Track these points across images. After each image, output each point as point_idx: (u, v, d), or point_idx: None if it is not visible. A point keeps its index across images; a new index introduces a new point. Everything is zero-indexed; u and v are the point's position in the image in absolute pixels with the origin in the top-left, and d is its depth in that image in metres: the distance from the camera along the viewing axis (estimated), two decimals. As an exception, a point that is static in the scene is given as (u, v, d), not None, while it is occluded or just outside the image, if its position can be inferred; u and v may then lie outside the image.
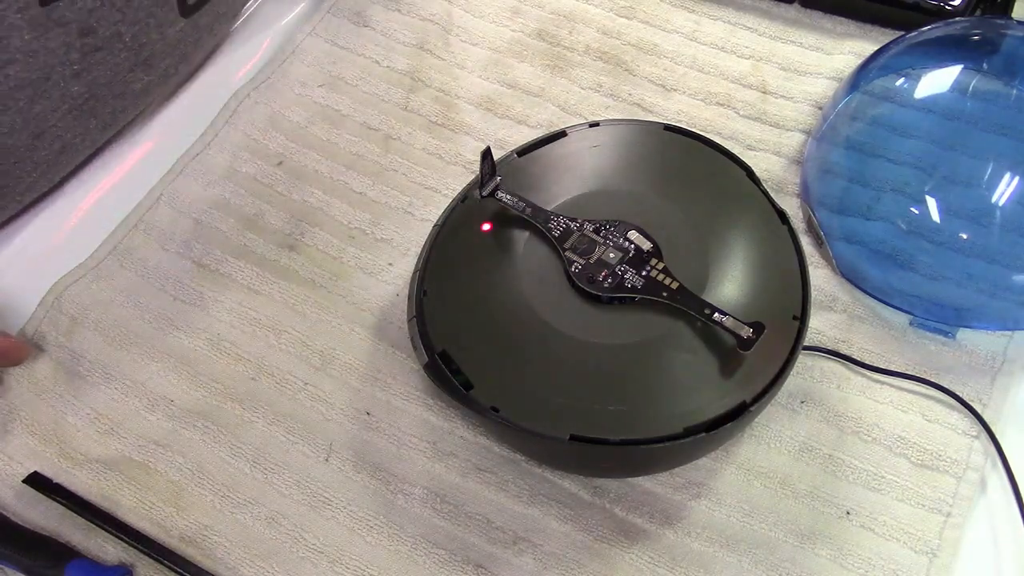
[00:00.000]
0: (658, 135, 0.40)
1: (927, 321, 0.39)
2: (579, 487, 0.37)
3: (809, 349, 0.39)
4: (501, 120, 0.47)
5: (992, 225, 0.38)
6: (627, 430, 0.32)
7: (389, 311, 0.42)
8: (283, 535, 0.36)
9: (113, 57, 0.41)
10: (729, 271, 0.36)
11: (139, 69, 0.43)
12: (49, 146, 0.42)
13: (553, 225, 0.37)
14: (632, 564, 0.35)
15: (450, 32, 0.51)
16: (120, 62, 0.42)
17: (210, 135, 0.47)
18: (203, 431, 0.39)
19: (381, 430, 0.39)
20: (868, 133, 0.41)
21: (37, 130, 0.41)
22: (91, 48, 0.40)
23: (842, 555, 0.35)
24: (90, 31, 0.39)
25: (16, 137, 0.40)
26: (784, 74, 0.47)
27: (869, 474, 0.36)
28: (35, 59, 0.38)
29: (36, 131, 0.41)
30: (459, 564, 0.35)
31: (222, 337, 0.41)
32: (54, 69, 0.39)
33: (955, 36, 0.43)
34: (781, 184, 0.44)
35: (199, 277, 0.43)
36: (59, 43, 0.39)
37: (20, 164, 0.42)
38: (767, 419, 0.38)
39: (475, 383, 0.34)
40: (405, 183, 0.45)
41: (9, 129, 0.40)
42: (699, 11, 0.50)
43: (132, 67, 0.43)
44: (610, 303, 0.35)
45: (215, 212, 0.45)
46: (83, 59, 0.40)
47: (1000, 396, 0.38)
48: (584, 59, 0.49)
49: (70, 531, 0.37)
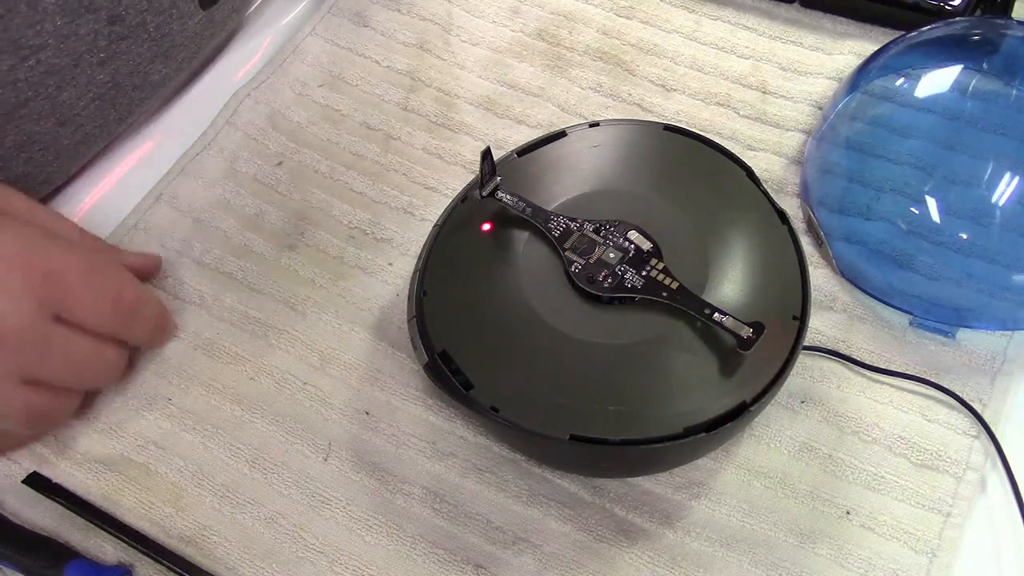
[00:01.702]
0: (658, 135, 0.40)
1: (927, 321, 0.39)
2: (579, 487, 0.37)
3: (809, 349, 0.39)
4: (501, 120, 0.47)
5: (992, 225, 0.38)
6: (627, 430, 0.32)
7: (389, 311, 0.42)
8: (282, 535, 0.36)
9: (137, 47, 0.42)
10: (729, 271, 0.36)
11: (159, 60, 0.44)
12: (71, 135, 0.42)
13: (553, 225, 0.37)
14: (632, 564, 0.35)
15: (450, 32, 0.51)
16: (143, 52, 0.42)
17: (210, 135, 0.47)
18: (202, 431, 0.39)
19: (380, 430, 0.39)
20: (868, 133, 0.41)
21: (62, 118, 0.41)
22: (118, 36, 0.40)
23: (842, 555, 0.35)
24: (118, 19, 0.40)
25: (43, 124, 0.40)
26: (784, 74, 0.47)
27: (869, 474, 0.36)
28: (66, 45, 0.39)
29: (61, 119, 0.41)
30: (459, 564, 0.35)
31: (221, 336, 0.41)
32: (82, 56, 0.39)
33: (955, 36, 0.43)
34: (781, 184, 0.44)
35: (199, 276, 0.43)
36: (88, 29, 0.39)
37: (43, 152, 0.42)
38: (767, 419, 0.38)
39: (475, 383, 0.34)
40: (405, 183, 0.45)
41: (37, 115, 0.40)
42: (699, 11, 0.50)
43: (153, 58, 0.43)
44: (610, 303, 0.35)
45: (215, 212, 0.45)
46: (109, 47, 0.40)
47: (1000, 396, 0.38)
48: (584, 59, 0.49)
49: (69, 531, 0.37)
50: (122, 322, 0.37)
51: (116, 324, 0.36)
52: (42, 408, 0.35)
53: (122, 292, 0.37)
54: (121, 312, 0.36)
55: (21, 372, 0.34)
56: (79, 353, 0.35)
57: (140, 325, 0.38)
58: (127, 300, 0.37)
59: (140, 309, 0.38)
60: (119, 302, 0.36)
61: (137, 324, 0.38)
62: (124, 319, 0.37)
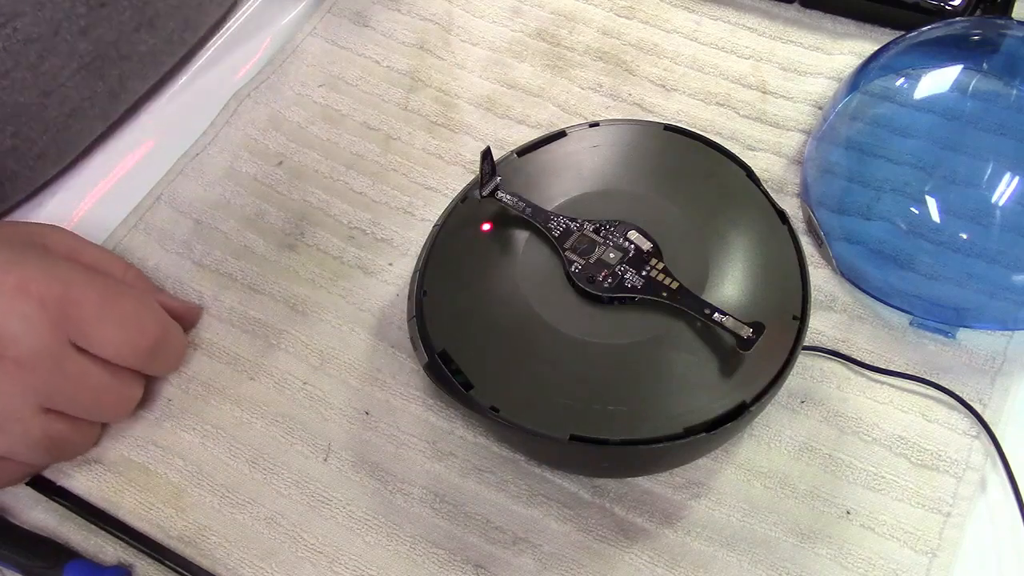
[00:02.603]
0: (658, 135, 0.40)
1: (927, 321, 0.39)
2: (579, 487, 0.37)
3: (809, 349, 0.39)
4: (501, 120, 0.47)
5: (992, 225, 0.38)
6: (627, 430, 0.32)
7: (389, 311, 0.42)
8: (282, 535, 0.36)
9: (118, 15, 0.41)
10: (729, 271, 0.36)
11: (144, 30, 0.43)
12: (59, 107, 0.42)
13: (553, 225, 0.37)
14: (632, 564, 0.35)
15: (450, 32, 0.51)
16: (125, 20, 0.42)
17: (210, 135, 0.47)
18: (202, 431, 0.39)
19: (380, 430, 0.39)
20: (868, 133, 0.41)
21: (47, 88, 0.41)
22: (97, 3, 0.40)
23: (842, 555, 0.35)
24: None
25: (26, 95, 0.40)
26: (784, 74, 0.47)
27: (869, 474, 0.36)
28: (43, 12, 0.38)
29: (45, 88, 0.41)
30: (458, 564, 0.35)
31: (221, 337, 0.41)
32: (61, 24, 0.39)
33: (955, 36, 0.43)
34: (781, 184, 0.44)
35: (199, 277, 0.43)
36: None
37: (30, 124, 0.41)
38: (767, 419, 0.38)
39: (475, 383, 0.34)
40: (405, 183, 0.45)
41: (20, 86, 0.40)
42: (699, 11, 0.50)
43: (137, 27, 0.43)
44: (610, 303, 0.35)
45: (215, 212, 0.45)
46: (89, 13, 0.40)
47: (1000, 396, 0.38)
48: (584, 59, 0.49)
49: (68, 531, 0.37)
50: (141, 356, 0.36)
51: (133, 357, 0.36)
52: (61, 437, 0.35)
53: (144, 327, 0.36)
54: (140, 346, 0.36)
55: (38, 397, 0.34)
56: (94, 382, 0.35)
57: (160, 361, 0.38)
58: (149, 335, 0.36)
59: (162, 346, 0.37)
60: (140, 336, 0.36)
61: (157, 360, 0.38)
62: (143, 353, 0.36)
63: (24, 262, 0.34)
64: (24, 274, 0.34)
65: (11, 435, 0.34)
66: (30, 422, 0.34)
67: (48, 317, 0.34)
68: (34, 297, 0.34)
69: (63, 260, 0.37)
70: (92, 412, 0.36)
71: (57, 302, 0.34)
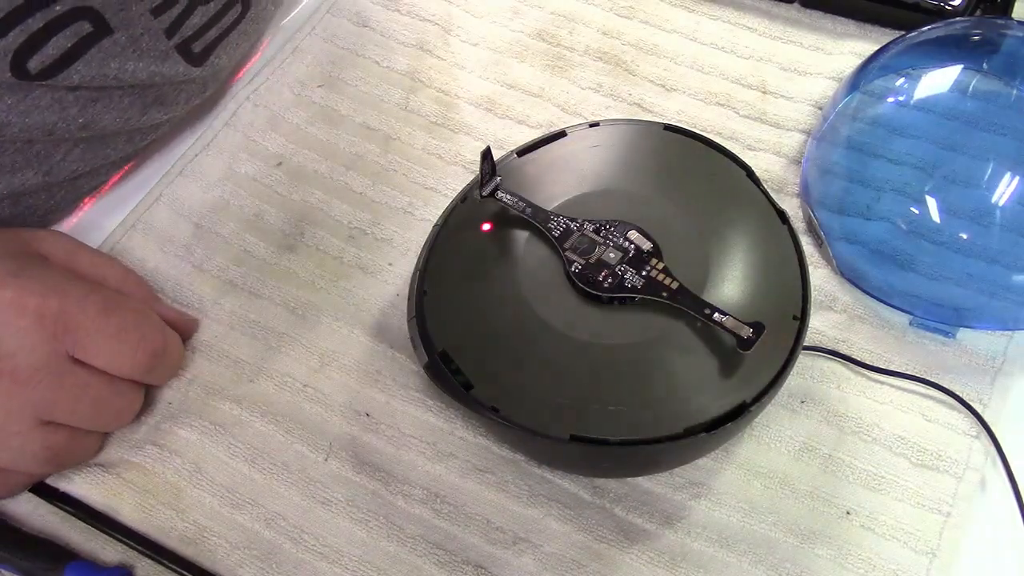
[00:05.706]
0: (658, 135, 0.40)
1: (927, 321, 0.39)
2: (579, 487, 0.37)
3: (809, 349, 0.39)
4: (501, 120, 0.47)
5: (992, 225, 0.38)
6: (627, 430, 0.32)
7: (389, 311, 0.42)
8: (282, 536, 0.36)
9: (118, 103, 0.40)
10: (729, 271, 0.36)
11: (153, 109, 0.42)
12: (65, 175, 0.42)
13: (553, 225, 0.37)
14: (632, 564, 0.35)
15: (450, 32, 0.51)
16: (127, 106, 0.41)
17: (209, 136, 0.47)
18: (201, 432, 0.39)
19: (380, 431, 0.39)
20: (868, 133, 0.41)
21: (48, 169, 0.40)
22: (88, 100, 0.39)
23: (842, 555, 0.35)
24: (77, 87, 0.38)
25: (29, 176, 0.40)
26: (784, 74, 0.47)
27: (869, 474, 0.36)
28: (30, 118, 0.37)
29: (47, 170, 0.40)
30: (459, 564, 0.35)
31: (220, 338, 0.41)
32: (56, 125, 0.38)
33: (955, 36, 0.43)
34: (781, 184, 0.44)
35: (198, 279, 0.43)
36: (48, 100, 0.37)
37: (36, 194, 0.41)
38: (767, 419, 0.38)
39: (475, 383, 0.34)
40: (405, 183, 0.45)
41: (21, 172, 0.40)
42: (699, 11, 0.50)
43: (145, 108, 0.42)
44: (610, 303, 0.35)
45: (214, 213, 0.45)
46: (84, 111, 0.39)
47: (1000, 396, 0.38)
48: (584, 59, 0.49)
49: (69, 532, 0.37)
50: (139, 368, 0.36)
51: (132, 369, 0.36)
52: (62, 448, 0.35)
53: (143, 339, 0.36)
54: (139, 358, 0.36)
55: (37, 411, 0.34)
56: (93, 394, 0.35)
57: (159, 372, 0.38)
58: (147, 347, 0.36)
59: (161, 358, 0.37)
60: (138, 348, 0.36)
61: (156, 371, 0.38)
62: (141, 365, 0.36)
63: (21, 275, 0.34)
64: (21, 288, 0.34)
65: (11, 449, 0.34)
66: (29, 435, 0.34)
67: (46, 331, 0.34)
68: (31, 311, 0.33)
69: (60, 271, 0.36)
70: (92, 423, 0.36)
71: (55, 316, 0.34)
